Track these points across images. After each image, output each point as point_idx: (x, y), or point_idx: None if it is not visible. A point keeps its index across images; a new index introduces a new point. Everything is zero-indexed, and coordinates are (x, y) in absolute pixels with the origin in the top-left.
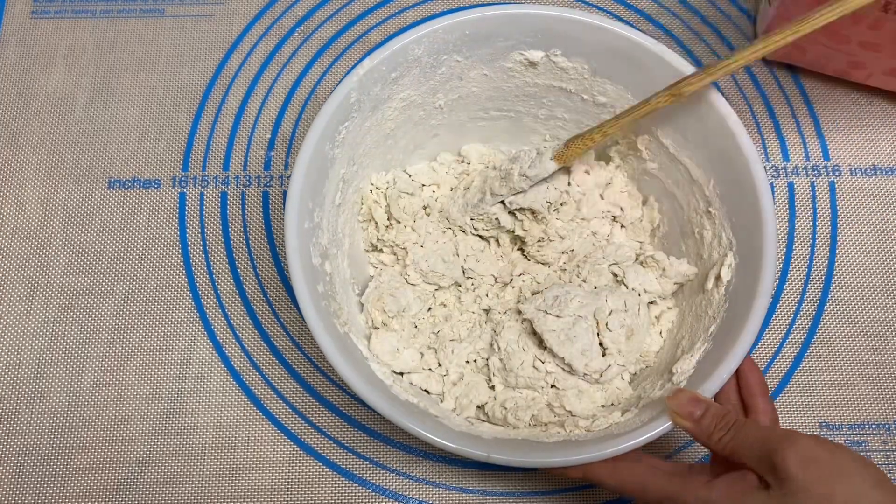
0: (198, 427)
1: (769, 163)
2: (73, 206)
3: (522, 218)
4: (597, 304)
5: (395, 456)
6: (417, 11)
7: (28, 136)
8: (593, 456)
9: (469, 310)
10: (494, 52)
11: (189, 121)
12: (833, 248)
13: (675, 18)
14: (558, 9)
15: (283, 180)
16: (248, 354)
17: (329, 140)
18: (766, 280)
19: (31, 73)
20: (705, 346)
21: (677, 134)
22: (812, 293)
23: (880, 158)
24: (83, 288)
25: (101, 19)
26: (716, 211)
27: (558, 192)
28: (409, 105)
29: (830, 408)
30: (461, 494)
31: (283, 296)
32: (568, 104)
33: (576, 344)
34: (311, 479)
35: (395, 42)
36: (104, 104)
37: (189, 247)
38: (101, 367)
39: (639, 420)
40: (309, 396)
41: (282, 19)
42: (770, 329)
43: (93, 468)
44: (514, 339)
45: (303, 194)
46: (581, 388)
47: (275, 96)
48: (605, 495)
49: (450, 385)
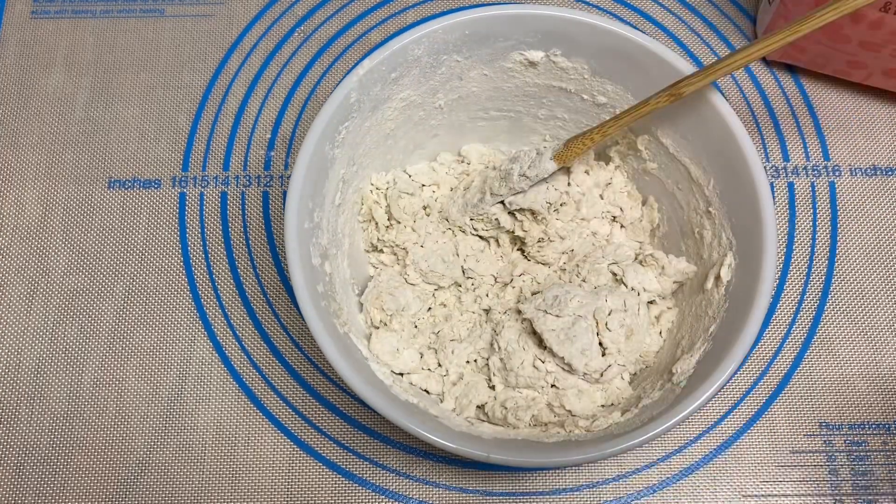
0: (198, 427)
1: (769, 163)
2: (73, 206)
3: (522, 218)
4: (596, 303)
5: (395, 456)
6: (417, 11)
7: (28, 136)
8: (593, 456)
9: (469, 310)
10: (494, 53)
11: (189, 121)
12: (833, 248)
13: (675, 18)
14: (558, 9)
15: (283, 180)
16: (248, 354)
17: (329, 140)
18: (766, 280)
19: (31, 73)
20: (705, 346)
21: (677, 134)
22: (812, 293)
23: (880, 158)
24: (83, 288)
25: (101, 19)
26: (716, 211)
27: (558, 192)
28: (409, 105)
29: (830, 408)
30: (461, 494)
31: (283, 296)
32: (568, 104)
33: (575, 343)
34: (312, 480)
35: (394, 42)
36: (104, 104)
37: (189, 247)
38: (101, 367)
39: (639, 420)
40: (309, 396)
41: (282, 19)
42: (770, 329)
43: (93, 468)
44: (515, 339)
45: (303, 194)
46: (581, 388)
47: (275, 96)
48: (606, 495)
49: (450, 385)
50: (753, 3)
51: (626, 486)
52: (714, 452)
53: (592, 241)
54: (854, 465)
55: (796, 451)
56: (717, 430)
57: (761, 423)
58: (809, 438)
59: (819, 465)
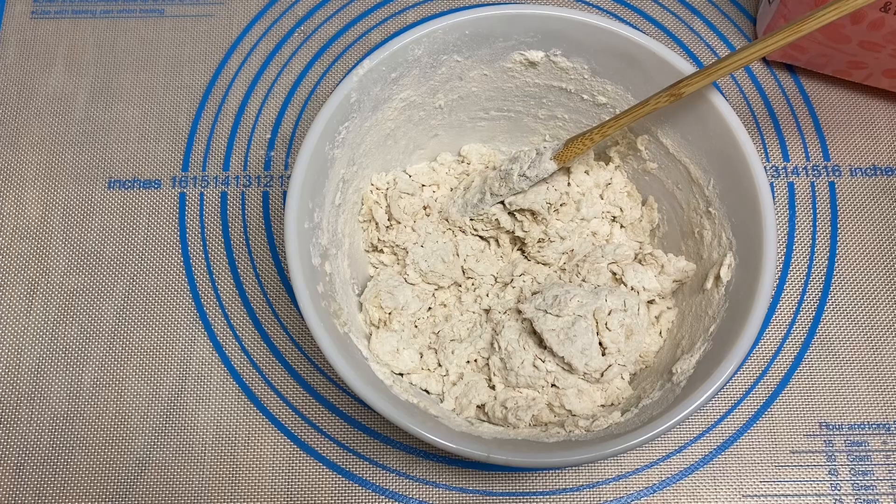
0: (198, 427)
1: (769, 163)
2: (73, 206)
3: (522, 219)
4: (596, 303)
5: (395, 456)
6: (417, 11)
7: (28, 136)
8: (593, 456)
9: (469, 310)
10: (494, 53)
11: (189, 121)
12: (833, 248)
13: (675, 18)
14: (558, 9)
15: (283, 180)
16: (248, 354)
17: (329, 140)
18: (766, 280)
19: (31, 73)
20: (705, 346)
21: (677, 134)
22: (812, 293)
23: (880, 158)
24: (83, 288)
25: (101, 19)
26: (716, 211)
27: (558, 192)
28: (409, 105)
29: (830, 408)
30: (461, 494)
31: (283, 296)
32: (568, 104)
33: (575, 343)
34: (311, 480)
35: (394, 42)
36: (104, 104)
37: (189, 247)
38: (101, 367)
39: (639, 420)
40: (309, 396)
41: (282, 19)
42: (770, 329)
43: (93, 468)
44: (515, 339)
45: (303, 194)
46: (581, 388)
47: (275, 96)
48: (606, 495)
49: (450, 385)
50: (753, 3)
51: (626, 486)
52: (714, 452)
53: (592, 240)
54: (854, 465)
55: (796, 451)
56: (717, 430)
57: (761, 423)
58: (809, 438)
59: (819, 465)
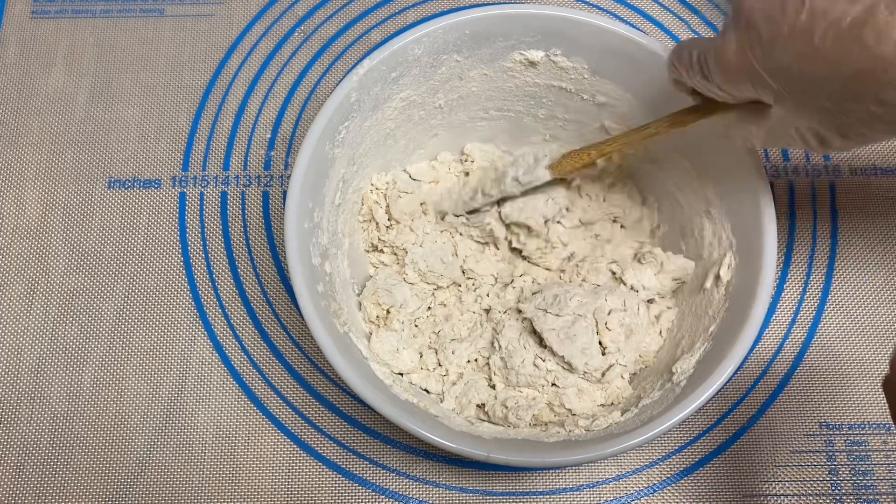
0: (198, 427)
1: (769, 163)
2: (73, 206)
3: (518, 231)
4: (596, 303)
5: (395, 456)
6: (417, 11)
7: (28, 135)
8: (593, 456)
9: (470, 309)
10: (494, 52)
11: (189, 121)
12: (833, 248)
13: (676, 18)
14: (558, 9)
15: (283, 180)
16: (248, 354)
17: (329, 140)
18: (766, 280)
19: (31, 73)
20: (705, 346)
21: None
22: (812, 293)
23: (880, 158)
24: (83, 288)
25: (101, 19)
26: (716, 211)
27: (557, 206)
28: (409, 105)
29: (830, 408)
30: (461, 494)
31: (283, 296)
32: (568, 104)
33: (575, 342)
34: (311, 479)
35: (395, 42)
36: (104, 104)
37: (189, 247)
38: (101, 367)
39: (639, 420)
40: (309, 396)
41: (282, 19)
42: (770, 329)
43: (93, 468)
44: (515, 338)
45: (303, 194)
46: (581, 387)
47: (275, 96)
48: (606, 495)
49: (450, 384)
50: None
51: (626, 486)
52: (714, 452)
53: (594, 242)
54: (854, 465)
55: (796, 451)
56: (717, 430)
57: (761, 423)
58: (809, 438)
59: (819, 465)
